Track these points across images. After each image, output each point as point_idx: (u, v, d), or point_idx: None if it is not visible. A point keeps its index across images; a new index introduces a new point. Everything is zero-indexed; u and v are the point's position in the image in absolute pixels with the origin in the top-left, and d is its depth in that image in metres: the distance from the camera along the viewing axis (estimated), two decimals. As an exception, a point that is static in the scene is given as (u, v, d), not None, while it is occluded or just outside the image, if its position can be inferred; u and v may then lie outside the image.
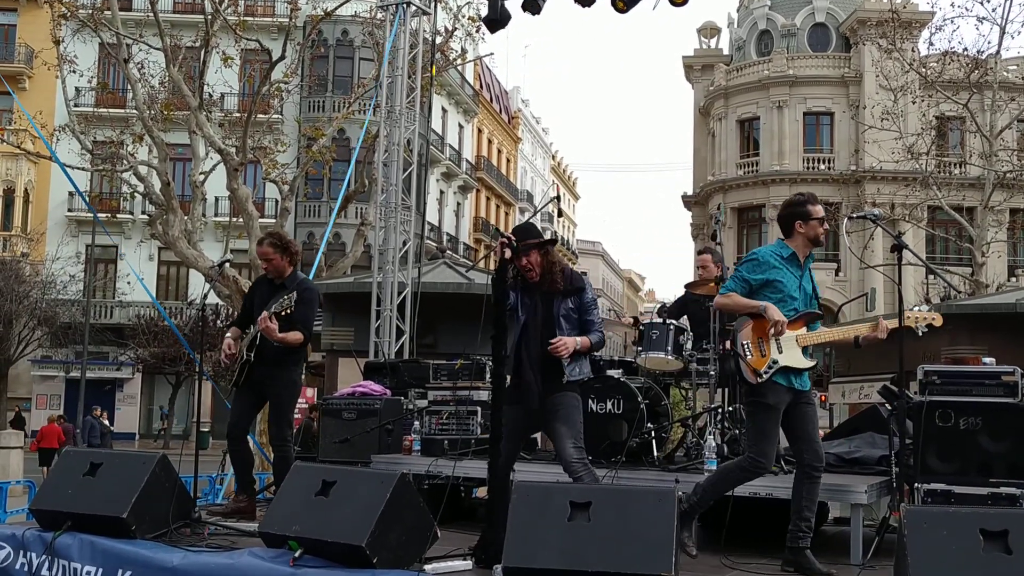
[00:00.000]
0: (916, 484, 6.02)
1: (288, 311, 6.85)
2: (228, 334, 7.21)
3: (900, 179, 34.91)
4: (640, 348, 7.66)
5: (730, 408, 7.55)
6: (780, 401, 5.54)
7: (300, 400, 12.17)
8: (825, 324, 5.78)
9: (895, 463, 6.21)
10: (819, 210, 5.69)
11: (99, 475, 6.02)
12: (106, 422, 29.92)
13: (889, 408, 6.99)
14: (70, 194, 40.37)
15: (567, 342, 5.56)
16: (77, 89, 30.76)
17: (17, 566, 5.84)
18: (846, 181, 40.55)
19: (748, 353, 5.56)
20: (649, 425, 7.35)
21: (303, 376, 7.84)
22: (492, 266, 5.92)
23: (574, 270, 5.96)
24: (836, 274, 40.85)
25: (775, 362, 5.51)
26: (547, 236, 6.00)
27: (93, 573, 5.57)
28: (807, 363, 5.54)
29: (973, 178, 30.58)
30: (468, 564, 5.32)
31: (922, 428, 6.12)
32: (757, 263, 5.75)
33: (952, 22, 46.60)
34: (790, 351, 5.53)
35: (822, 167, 42.16)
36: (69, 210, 41.25)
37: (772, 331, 5.45)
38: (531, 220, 6.21)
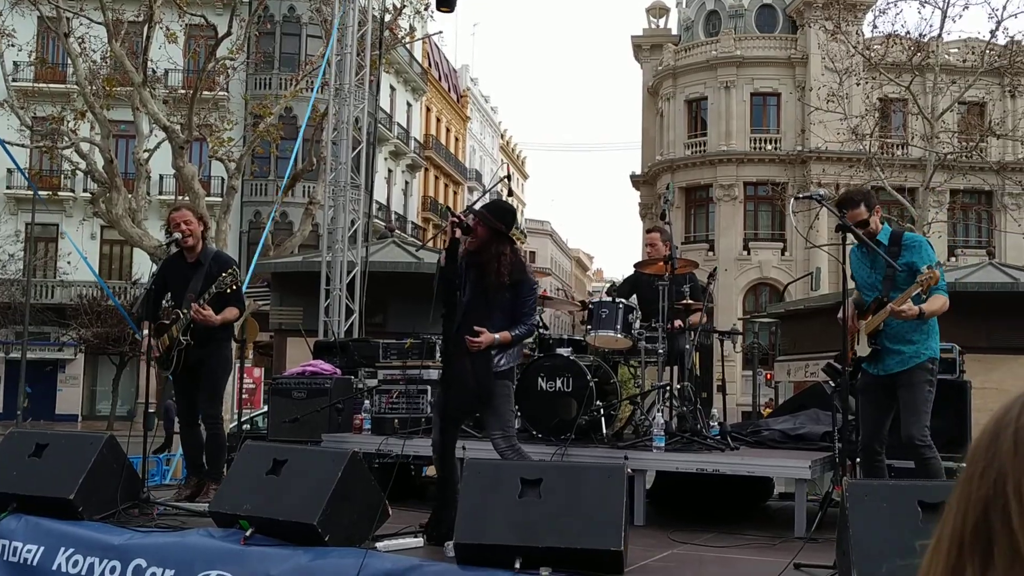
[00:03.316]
0: (858, 459, 6.15)
1: (232, 288, 6.78)
2: (146, 332, 6.91)
3: (844, 160, 35.35)
4: (589, 327, 7.72)
5: (678, 386, 7.64)
6: (866, 388, 5.83)
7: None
8: (771, 303, 5.92)
9: (838, 439, 6.34)
10: (854, 215, 5.77)
11: (45, 456, 5.96)
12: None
13: (832, 385, 7.13)
14: (8, 171, 39.39)
15: (483, 339, 5.53)
16: (15, 63, 30.05)
17: (-43, 547, 5.76)
18: (792, 161, 41.01)
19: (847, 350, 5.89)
20: (598, 403, 7.42)
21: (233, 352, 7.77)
22: (442, 245, 5.88)
23: (522, 262, 5.89)
24: (782, 253, 41.34)
25: (855, 353, 5.84)
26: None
27: (34, 551, 5.52)
28: (867, 350, 5.77)
29: (915, 159, 31.09)
30: (419, 541, 5.35)
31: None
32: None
33: (895, 5, 47.41)
34: (862, 341, 5.81)
35: (769, 147, 42.57)
36: (8, 187, 40.34)
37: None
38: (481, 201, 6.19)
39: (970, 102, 30.21)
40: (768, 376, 31.67)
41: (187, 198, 21.11)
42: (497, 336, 5.58)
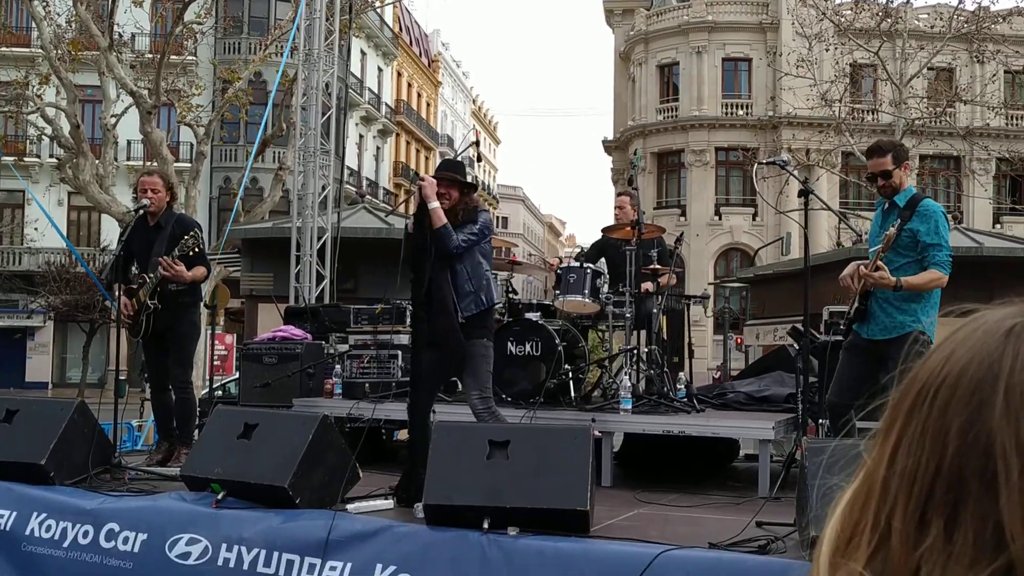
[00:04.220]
0: (821, 420, 6.28)
1: (195, 250, 6.82)
2: (119, 294, 6.99)
3: (815, 125, 35.54)
4: (558, 292, 7.80)
5: (645, 350, 7.74)
6: (850, 346, 5.74)
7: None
8: (742, 268, 5.97)
9: (801, 400, 6.47)
10: (874, 164, 5.66)
11: (15, 422, 5.98)
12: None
13: (796, 348, 7.25)
14: (-27, 136, 38.97)
15: None
16: (-21, 27, 29.60)
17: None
18: (763, 127, 41.12)
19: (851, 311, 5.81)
20: (567, 367, 7.51)
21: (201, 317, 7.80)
22: (411, 210, 5.92)
23: (478, 211, 5.95)
24: (753, 219, 41.56)
25: (848, 311, 5.78)
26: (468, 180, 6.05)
27: (6, 516, 5.55)
28: (854, 308, 5.69)
29: (884, 125, 31.24)
30: (389, 503, 5.42)
31: (826, 366, 6.38)
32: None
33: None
34: (857, 301, 5.72)
35: (740, 113, 42.64)
36: (-27, 153, 39.85)
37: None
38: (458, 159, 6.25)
39: (938, 68, 30.37)
40: (739, 340, 31.96)
41: (156, 164, 20.94)
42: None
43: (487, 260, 6.04)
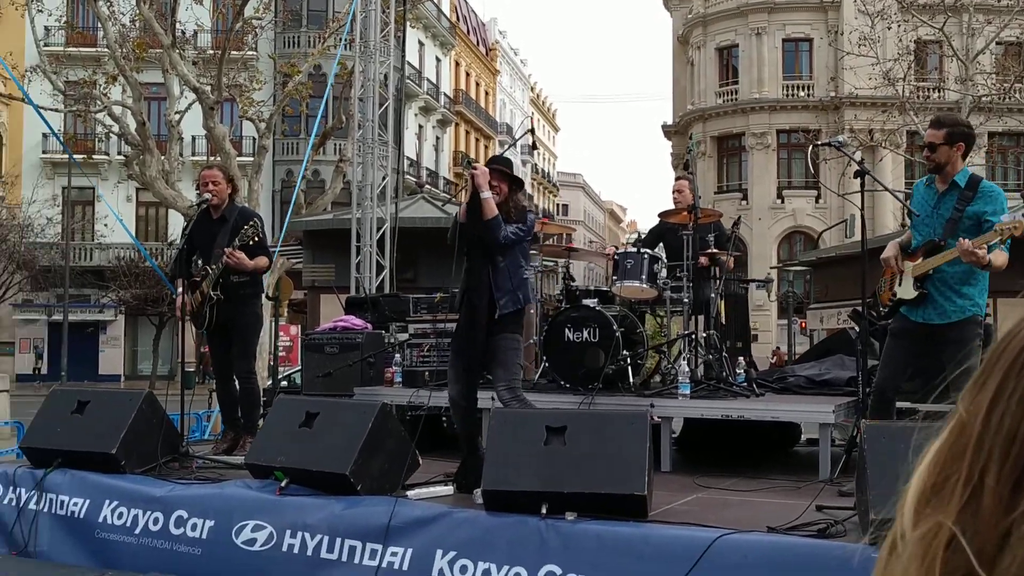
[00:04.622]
0: (869, 402, 6.19)
1: (255, 239, 6.95)
2: (182, 289, 7.10)
3: (878, 105, 34.86)
4: (615, 277, 7.80)
5: (703, 334, 7.71)
6: (899, 332, 5.59)
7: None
8: (805, 251, 5.87)
9: (862, 383, 6.39)
10: (927, 135, 5.53)
11: (87, 413, 6.15)
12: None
13: (857, 331, 7.16)
14: (44, 136, 39.87)
15: None
16: (46, 28, 30.29)
17: (5, 501, 5.98)
18: (825, 108, 40.47)
19: (881, 288, 5.69)
20: (624, 352, 7.51)
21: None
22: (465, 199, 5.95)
23: (529, 212, 5.97)
24: (816, 201, 41.00)
25: (895, 295, 5.60)
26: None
27: (80, 504, 5.72)
28: (912, 294, 5.50)
29: (951, 102, 30.56)
30: (449, 489, 5.48)
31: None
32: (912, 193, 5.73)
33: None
34: (906, 284, 5.54)
35: (801, 94, 42.04)
36: (44, 152, 40.80)
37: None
38: (506, 154, 6.27)
39: (1006, 42, 29.57)
40: (802, 324, 31.62)
41: (219, 159, 21.29)
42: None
43: (527, 261, 6.05)
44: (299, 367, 17.60)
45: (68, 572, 4.88)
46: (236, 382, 7.29)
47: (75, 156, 29.28)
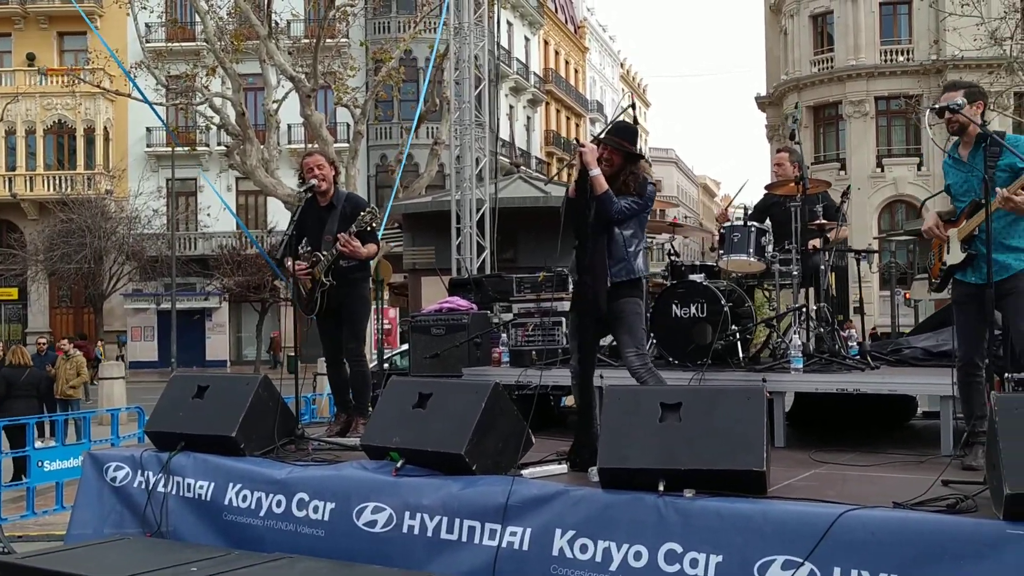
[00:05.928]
0: (1006, 375, 5.99)
1: (372, 226, 7.01)
2: (294, 268, 7.07)
3: (983, 67, 33.61)
4: (722, 251, 7.69)
5: (814, 307, 7.56)
6: (961, 299, 5.50)
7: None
8: (908, 220, 5.71)
9: (987, 353, 6.17)
10: (944, 98, 5.44)
11: (207, 397, 6.31)
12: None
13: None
14: (148, 130, 41.09)
15: None
16: (147, 25, 31.10)
17: (135, 484, 6.18)
18: (927, 72, 39.22)
19: (931, 261, 5.67)
20: (733, 327, 7.41)
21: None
22: (573, 177, 5.92)
23: (649, 184, 5.91)
24: (918, 169, 39.84)
25: (944, 264, 5.54)
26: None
27: (206, 487, 5.87)
28: (960, 258, 5.43)
29: (1062, 60, 29.37)
30: (563, 468, 5.48)
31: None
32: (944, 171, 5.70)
33: None
34: (954, 250, 5.48)
35: (900, 59, 40.82)
36: (148, 145, 42.03)
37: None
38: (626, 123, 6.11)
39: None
40: (906, 295, 30.81)
41: (316, 145, 21.62)
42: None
43: (643, 232, 5.99)
44: (400, 349, 17.87)
45: (201, 552, 5.01)
46: (347, 365, 7.39)
47: (180, 147, 30.10)
